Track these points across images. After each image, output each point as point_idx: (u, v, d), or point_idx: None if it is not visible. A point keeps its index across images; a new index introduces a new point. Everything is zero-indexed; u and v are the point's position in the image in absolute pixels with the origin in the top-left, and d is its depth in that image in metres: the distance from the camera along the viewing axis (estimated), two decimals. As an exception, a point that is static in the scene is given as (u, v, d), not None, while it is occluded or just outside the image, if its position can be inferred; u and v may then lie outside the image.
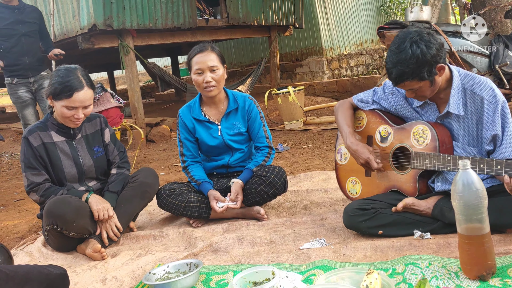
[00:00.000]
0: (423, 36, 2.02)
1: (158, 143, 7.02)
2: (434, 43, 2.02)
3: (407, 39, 2.03)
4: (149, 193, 2.80)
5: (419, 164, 2.20)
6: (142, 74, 17.66)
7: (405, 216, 2.21)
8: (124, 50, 6.68)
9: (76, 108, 2.53)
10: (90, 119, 2.80)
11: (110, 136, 2.86)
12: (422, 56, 1.99)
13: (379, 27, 4.45)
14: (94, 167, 2.73)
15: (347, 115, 2.51)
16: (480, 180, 1.66)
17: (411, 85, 2.08)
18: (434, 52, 2.01)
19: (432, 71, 2.03)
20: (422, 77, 2.03)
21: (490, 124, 2.06)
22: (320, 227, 2.51)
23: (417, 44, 2.00)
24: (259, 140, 2.89)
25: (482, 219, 1.66)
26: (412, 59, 1.99)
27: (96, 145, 2.77)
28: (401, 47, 2.03)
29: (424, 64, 2.00)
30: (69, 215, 2.45)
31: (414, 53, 1.99)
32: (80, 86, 2.51)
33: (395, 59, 2.04)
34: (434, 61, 2.02)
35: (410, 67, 2.01)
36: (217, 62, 2.73)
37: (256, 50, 11.80)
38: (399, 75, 2.05)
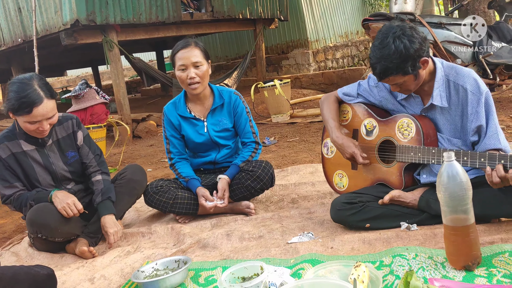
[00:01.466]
0: (406, 30, 2.03)
1: (145, 139, 6.98)
2: (417, 37, 2.03)
3: (390, 34, 2.03)
4: (137, 190, 2.78)
5: (404, 157, 2.22)
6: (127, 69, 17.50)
7: (392, 209, 2.23)
8: (108, 46, 6.61)
9: (39, 122, 2.37)
10: (61, 122, 2.63)
11: (84, 138, 2.70)
12: (406, 51, 2.00)
13: (364, 19, 4.45)
14: (69, 172, 2.63)
15: (332, 109, 2.52)
16: (464, 171, 1.67)
17: (395, 79, 2.09)
18: (417, 46, 2.02)
19: (416, 65, 2.04)
20: (406, 71, 2.04)
21: (474, 115, 2.08)
22: (308, 220, 2.52)
23: (400, 39, 2.00)
24: (245, 136, 2.88)
25: (467, 210, 1.68)
26: (396, 54, 2.00)
27: (69, 150, 2.63)
28: (384, 43, 2.03)
29: (408, 59, 2.01)
30: (53, 223, 2.39)
31: (397, 48, 2.00)
32: (39, 100, 2.30)
33: (378, 54, 2.04)
34: (417, 55, 2.03)
35: (393, 62, 2.01)
36: (201, 58, 2.70)
37: (241, 43, 11.76)
38: (383, 71, 2.06)
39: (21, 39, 7.44)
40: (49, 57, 9.24)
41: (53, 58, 9.65)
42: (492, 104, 2.10)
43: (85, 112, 4.96)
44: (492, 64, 4.48)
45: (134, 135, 7.09)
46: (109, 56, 6.68)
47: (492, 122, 2.08)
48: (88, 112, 4.95)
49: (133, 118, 7.25)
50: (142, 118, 7.39)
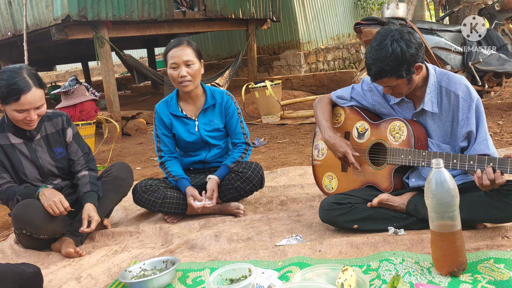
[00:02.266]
0: (404, 35, 2.05)
1: (134, 136, 6.95)
2: (414, 42, 2.06)
3: (388, 36, 2.05)
4: (123, 188, 2.76)
5: (395, 160, 2.24)
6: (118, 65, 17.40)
7: (380, 212, 2.25)
8: (99, 42, 6.56)
9: (27, 111, 2.37)
10: (51, 118, 2.64)
11: (73, 136, 2.70)
12: (402, 54, 2.02)
13: (356, 23, 4.48)
14: (56, 168, 2.63)
15: (326, 110, 2.54)
16: (452, 178, 1.69)
17: (389, 82, 2.11)
18: (413, 51, 2.04)
19: (410, 69, 2.07)
20: (400, 75, 2.06)
21: (465, 121, 2.11)
22: (296, 223, 2.53)
23: (397, 43, 2.03)
24: (236, 136, 2.88)
25: (454, 216, 1.70)
26: (392, 57, 2.03)
27: (57, 146, 2.64)
28: (382, 44, 2.05)
29: (403, 63, 2.04)
30: (38, 220, 2.38)
31: (394, 51, 2.02)
32: (27, 88, 2.33)
33: (375, 55, 2.07)
34: (413, 60, 2.05)
35: (389, 65, 2.04)
36: (193, 57, 2.71)
37: (233, 43, 11.75)
38: (378, 72, 2.08)
39: (10, 33, 7.36)
40: (39, 52, 9.16)
41: (42, 52, 9.56)
42: (483, 111, 2.13)
43: (75, 108, 4.93)
44: (481, 71, 4.53)
45: (124, 133, 7.05)
46: (100, 52, 6.63)
47: (482, 128, 2.11)
48: (78, 109, 4.92)
49: (123, 116, 7.21)
50: (132, 115, 7.35)
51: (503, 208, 1.96)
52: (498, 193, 1.97)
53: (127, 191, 2.83)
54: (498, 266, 1.73)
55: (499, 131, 4.19)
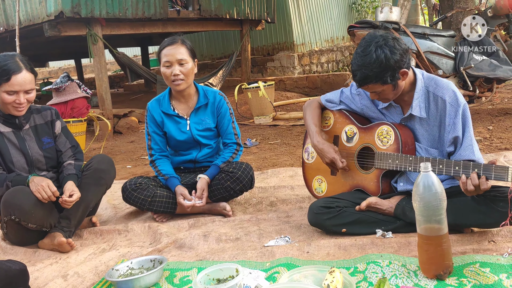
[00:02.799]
0: (388, 41, 2.06)
1: (126, 134, 6.92)
2: (399, 48, 2.06)
3: (372, 43, 2.06)
4: (105, 180, 2.72)
5: (383, 164, 2.25)
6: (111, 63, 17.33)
7: (368, 215, 2.26)
8: (92, 39, 6.54)
9: (17, 93, 2.44)
10: (40, 111, 2.71)
11: (62, 128, 2.77)
12: (386, 61, 2.03)
13: (350, 26, 4.50)
14: (44, 157, 2.65)
15: (315, 115, 2.55)
16: (440, 182, 1.71)
17: (374, 87, 2.12)
18: (397, 57, 2.05)
19: (395, 75, 2.08)
20: (385, 81, 2.07)
21: (452, 127, 2.12)
22: (285, 224, 2.53)
23: (381, 49, 2.04)
24: (227, 137, 2.89)
25: (441, 220, 1.71)
26: (376, 63, 2.03)
27: (45, 136, 2.69)
28: (366, 51, 2.06)
29: (387, 69, 2.04)
30: (27, 205, 2.38)
31: (378, 57, 2.03)
32: (17, 69, 2.42)
33: (360, 62, 2.08)
34: (397, 66, 2.06)
35: (373, 71, 2.05)
36: (187, 56, 2.71)
37: (227, 43, 11.74)
38: (363, 78, 2.09)
39: (3, 28, 7.31)
40: (31, 47, 9.11)
41: (35, 48, 9.51)
42: (469, 117, 2.15)
43: (66, 105, 4.89)
44: (472, 77, 4.56)
45: (115, 131, 7.02)
46: (93, 49, 6.60)
47: (468, 134, 2.13)
48: (69, 106, 4.89)
49: (115, 113, 7.19)
50: (124, 113, 7.33)
51: (489, 213, 1.98)
52: (485, 199, 1.99)
53: (110, 182, 2.80)
54: (484, 270, 1.75)
55: (489, 136, 4.23)
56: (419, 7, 12.86)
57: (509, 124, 4.60)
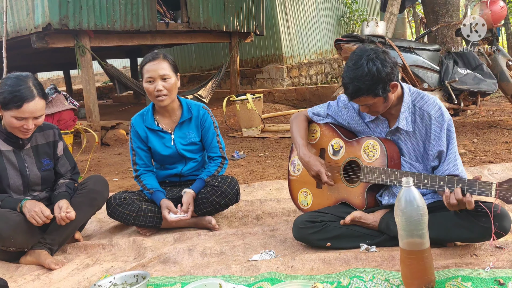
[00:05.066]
0: (379, 54, 2.09)
1: (113, 147, 6.89)
2: (389, 61, 2.10)
3: (364, 56, 2.09)
4: (98, 201, 2.73)
5: (368, 178, 2.26)
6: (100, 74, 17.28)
7: (353, 229, 2.26)
8: (80, 51, 6.53)
9: (26, 119, 2.39)
10: (42, 129, 2.66)
11: (64, 149, 2.75)
12: (378, 73, 2.06)
13: (336, 40, 4.54)
14: (41, 179, 2.62)
15: (301, 127, 2.56)
16: (421, 197, 1.72)
17: (366, 100, 2.14)
18: (388, 70, 2.08)
19: (386, 88, 2.11)
20: (376, 93, 2.09)
21: (437, 141, 2.15)
22: (270, 238, 2.53)
23: (373, 62, 2.07)
24: (212, 150, 2.89)
25: (422, 234, 1.72)
26: (368, 76, 2.06)
27: (45, 157, 2.65)
28: (358, 64, 2.09)
29: (379, 82, 2.07)
30: (6, 231, 2.34)
31: (370, 70, 2.06)
32: (31, 96, 2.36)
33: (352, 74, 2.10)
34: (388, 79, 2.09)
35: (366, 84, 2.07)
36: (169, 71, 2.71)
37: (217, 54, 11.78)
38: (355, 91, 2.11)
39: (-10, 39, 7.26)
40: (19, 58, 9.05)
41: (22, 59, 9.45)
42: (453, 132, 2.18)
43: (52, 117, 4.88)
44: (457, 90, 4.61)
45: (103, 143, 6.99)
46: (81, 61, 6.59)
47: (451, 148, 2.15)
48: (55, 118, 4.87)
49: (103, 125, 7.15)
50: (112, 125, 7.29)
51: (472, 228, 1.99)
52: (467, 213, 2.00)
53: (102, 204, 2.80)
54: (466, 284, 1.76)
55: (474, 149, 4.27)
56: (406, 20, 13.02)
57: (494, 137, 4.66)
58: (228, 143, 6.13)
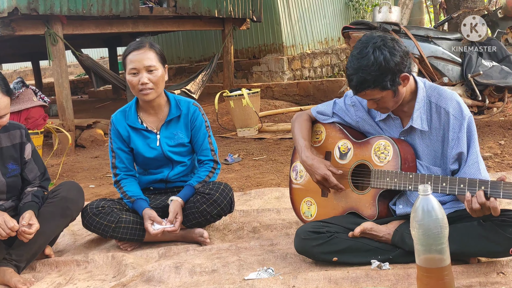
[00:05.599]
0: (387, 42, 2.11)
1: (89, 149, 6.88)
2: (399, 50, 2.11)
3: (369, 44, 2.11)
4: (72, 211, 2.73)
5: (380, 183, 2.27)
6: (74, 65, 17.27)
7: (362, 242, 2.27)
8: (52, 39, 6.52)
9: None
10: (8, 129, 2.63)
11: (32, 152, 2.73)
12: (385, 63, 2.07)
13: (344, 27, 4.55)
14: (6, 187, 2.61)
15: (304, 128, 2.57)
16: (441, 207, 1.73)
17: (372, 94, 2.16)
18: (398, 60, 2.10)
19: (396, 80, 2.12)
20: (384, 86, 2.11)
21: (456, 141, 2.17)
22: (269, 253, 2.54)
23: (380, 50, 2.08)
24: (202, 153, 2.89)
25: (442, 249, 1.73)
26: (375, 65, 2.08)
27: (10, 162, 2.63)
28: (363, 53, 2.10)
29: (387, 72, 2.09)
30: None
31: (376, 59, 2.07)
32: None
33: (356, 65, 2.11)
34: (397, 70, 2.10)
35: (372, 75, 2.08)
36: (156, 62, 2.72)
37: (208, 44, 11.79)
38: (360, 83, 2.12)
39: None
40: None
41: (-15, 48, 9.44)
42: (475, 131, 2.19)
43: (19, 115, 4.87)
44: (481, 85, 4.63)
45: (77, 144, 6.98)
46: (52, 51, 6.58)
47: (473, 150, 2.17)
48: (23, 116, 4.86)
49: (77, 124, 7.14)
50: (88, 124, 7.29)
51: (498, 240, 2.00)
52: (492, 224, 2.01)
53: (76, 215, 2.80)
54: (491, 306, 1.76)
55: (500, 152, 4.29)
56: (423, 5, 13.07)
57: (523, 138, 4.68)
58: (220, 145, 6.13)
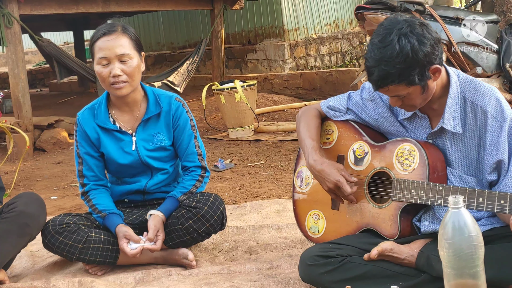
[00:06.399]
0: (415, 28, 2.08)
1: (51, 153, 6.89)
2: (429, 37, 2.09)
3: (394, 30, 2.08)
4: (31, 228, 2.72)
5: (403, 195, 2.27)
6: (32, 52, 17.28)
7: (381, 267, 2.26)
8: (6, 21, 6.52)
9: None
10: None
11: None
12: (413, 54, 2.05)
13: (358, 7, 4.57)
14: None
15: (312, 126, 2.56)
16: (475, 223, 1.72)
17: (397, 90, 2.14)
18: (428, 49, 2.08)
19: (425, 74, 2.10)
20: (411, 81, 2.09)
21: (495, 147, 2.15)
22: (268, 278, 2.54)
23: (407, 38, 2.06)
24: (188, 158, 2.90)
25: (476, 273, 1.73)
26: (400, 57, 2.05)
27: None
28: (386, 40, 2.08)
29: (415, 65, 2.07)
30: None
31: (402, 49, 2.05)
32: None
33: (378, 55, 2.09)
34: (427, 61, 2.09)
35: (396, 67, 2.06)
36: (130, 49, 2.72)
37: (193, 27, 11.82)
38: (382, 77, 2.11)
39: None
40: None
41: None
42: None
43: (-34, 112, 4.86)
44: (522, 76, 4.65)
45: (36, 147, 6.98)
46: (6, 35, 6.58)
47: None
48: (-29, 113, 4.86)
49: (36, 124, 7.15)
50: (49, 123, 7.29)
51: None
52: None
53: (36, 233, 2.80)
54: None
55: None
56: (452, -19, 13.12)
57: None
58: (209, 148, 6.14)
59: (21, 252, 3.06)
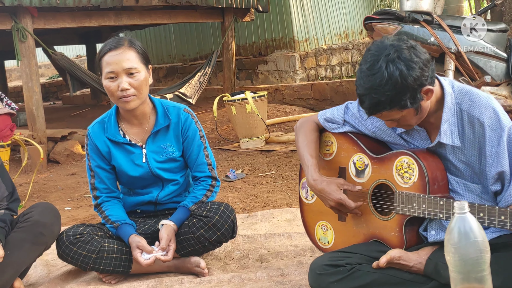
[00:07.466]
0: (403, 52, 2.04)
1: (64, 164, 6.93)
2: (417, 61, 2.03)
3: (381, 56, 2.04)
4: (46, 237, 2.75)
5: (405, 209, 2.25)
6: (46, 66, 17.41)
7: (390, 274, 2.25)
8: (20, 35, 6.59)
9: None
10: None
11: None
12: (402, 80, 2.01)
13: (366, 18, 4.58)
14: None
15: (310, 140, 2.54)
16: (480, 227, 1.73)
17: (390, 115, 2.13)
18: (417, 73, 2.03)
19: (417, 96, 2.06)
20: (403, 105, 2.06)
21: (495, 158, 2.11)
22: (279, 285, 2.55)
23: (394, 65, 2.02)
24: (198, 168, 2.91)
25: (483, 278, 1.74)
26: (390, 84, 2.02)
27: None
28: (374, 68, 2.05)
29: (405, 90, 2.03)
30: None
31: (391, 76, 2.01)
32: None
33: (367, 83, 2.06)
34: (418, 85, 2.04)
35: (386, 95, 2.03)
36: (137, 63, 2.73)
37: (204, 39, 11.86)
38: (373, 105, 2.08)
39: None
40: None
41: None
42: None
43: (-18, 125, 4.92)
44: (532, 85, 4.65)
45: (50, 159, 7.02)
46: (21, 49, 6.65)
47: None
48: (-14, 126, 4.92)
49: (50, 136, 7.20)
50: (62, 136, 7.34)
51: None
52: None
53: (51, 242, 2.82)
54: None
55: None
56: (462, -10, 13.09)
57: None
58: (220, 159, 6.16)
59: (36, 261, 3.10)
